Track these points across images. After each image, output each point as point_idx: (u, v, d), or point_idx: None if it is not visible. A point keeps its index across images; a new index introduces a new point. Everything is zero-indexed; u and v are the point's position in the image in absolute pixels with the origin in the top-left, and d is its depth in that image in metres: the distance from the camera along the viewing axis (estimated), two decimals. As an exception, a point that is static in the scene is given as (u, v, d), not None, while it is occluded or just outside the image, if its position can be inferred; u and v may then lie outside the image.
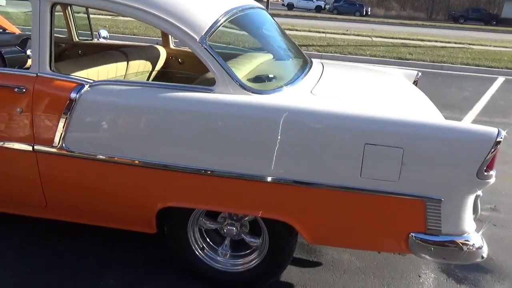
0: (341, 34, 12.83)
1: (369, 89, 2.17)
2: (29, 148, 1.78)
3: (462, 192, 1.55)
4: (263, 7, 2.65)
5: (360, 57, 9.33)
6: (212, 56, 1.67)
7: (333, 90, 1.98)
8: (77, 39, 3.26)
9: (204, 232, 1.94)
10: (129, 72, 2.64)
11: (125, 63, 2.58)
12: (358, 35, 13.00)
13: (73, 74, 1.87)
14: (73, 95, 1.70)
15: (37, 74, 1.77)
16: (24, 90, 1.76)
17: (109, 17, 11.86)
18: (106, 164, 1.72)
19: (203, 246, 1.92)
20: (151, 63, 2.88)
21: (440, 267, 2.19)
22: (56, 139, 1.74)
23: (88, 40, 3.30)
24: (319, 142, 1.56)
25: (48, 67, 1.78)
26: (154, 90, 1.70)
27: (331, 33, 13.06)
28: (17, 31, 3.22)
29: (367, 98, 1.95)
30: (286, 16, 24.73)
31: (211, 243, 1.95)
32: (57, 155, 1.76)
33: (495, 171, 1.55)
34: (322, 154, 1.56)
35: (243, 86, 1.68)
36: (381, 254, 2.26)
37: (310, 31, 13.23)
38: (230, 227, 1.87)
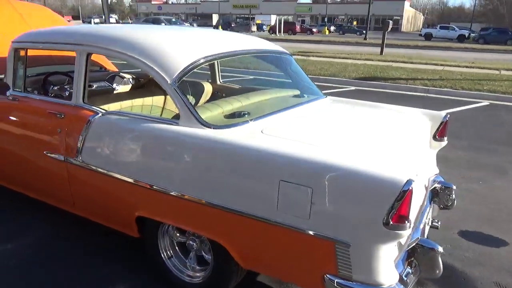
0: (463, 67, 11.59)
1: (335, 131, 2.11)
2: (62, 158, 2.40)
3: (371, 240, 1.51)
4: (282, 51, 2.90)
5: (474, 92, 8.36)
6: (180, 96, 2.02)
7: (287, 129, 2.06)
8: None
9: (175, 244, 2.25)
10: (167, 104, 3.18)
11: (163, 97, 3.13)
12: (483, 67, 11.54)
13: (103, 106, 2.45)
14: (88, 120, 2.26)
15: (74, 105, 2.40)
16: (63, 116, 2.40)
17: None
18: (101, 175, 2.21)
19: (171, 255, 2.22)
20: (194, 98, 3.37)
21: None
22: (77, 153, 2.31)
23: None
24: (242, 174, 1.74)
25: (81, 100, 2.39)
26: (137, 120, 2.13)
27: (451, 65, 11.92)
28: (114, 69, 4.11)
29: (316, 140, 1.89)
30: (416, 47, 23.42)
31: (180, 253, 2.24)
32: (76, 165, 2.33)
33: (410, 222, 1.48)
34: (244, 185, 1.73)
35: (199, 121, 1.97)
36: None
37: (426, 63, 12.35)
38: (191, 242, 2.14)
